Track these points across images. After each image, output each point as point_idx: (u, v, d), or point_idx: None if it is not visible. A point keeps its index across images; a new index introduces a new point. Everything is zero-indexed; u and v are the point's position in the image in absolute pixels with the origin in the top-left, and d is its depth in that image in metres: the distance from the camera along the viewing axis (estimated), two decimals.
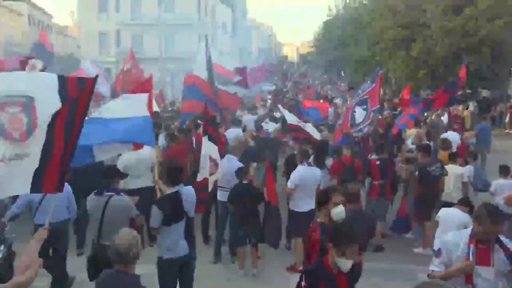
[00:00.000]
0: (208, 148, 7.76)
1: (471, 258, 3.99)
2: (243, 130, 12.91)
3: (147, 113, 6.73)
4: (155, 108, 17.26)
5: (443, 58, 23.74)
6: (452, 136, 12.43)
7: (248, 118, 15.72)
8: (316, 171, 8.34)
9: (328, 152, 9.70)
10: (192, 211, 5.77)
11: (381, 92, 14.81)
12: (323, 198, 4.98)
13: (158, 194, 7.09)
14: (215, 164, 7.87)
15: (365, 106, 11.27)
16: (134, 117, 6.51)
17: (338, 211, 4.83)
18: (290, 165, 9.09)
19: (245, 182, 7.87)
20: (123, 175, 6.74)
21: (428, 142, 10.63)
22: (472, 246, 4.04)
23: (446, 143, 10.50)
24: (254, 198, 7.78)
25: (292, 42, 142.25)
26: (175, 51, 50.46)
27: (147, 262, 5.70)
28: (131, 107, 6.64)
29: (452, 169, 9.15)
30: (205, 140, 7.78)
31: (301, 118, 10.72)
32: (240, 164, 8.38)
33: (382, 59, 27.78)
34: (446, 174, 9.00)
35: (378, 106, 11.54)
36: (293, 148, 12.15)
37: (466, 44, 22.76)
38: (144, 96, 7.04)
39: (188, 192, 5.76)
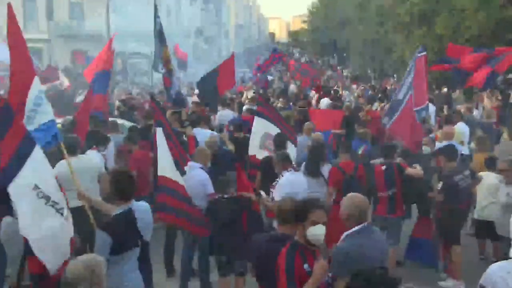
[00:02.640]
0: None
1: None
2: (220, 130, 12.89)
3: None
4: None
5: (477, 37, 23.86)
6: (461, 128, 12.59)
7: (226, 114, 15.74)
8: (303, 180, 8.58)
9: (324, 157, 9.84)
10: (149, 233, 5.79)
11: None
12: (301, 213, 5.00)
13: (92, 219, 7.02)
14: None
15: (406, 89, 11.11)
16: None
17: (316, 232, 4.84)
18: (267, 171, 9.16)
19: (226, 196, 7.91)
20: None
21: (452, 142, 10.70)
22: None
23: (484, 144, 10.56)
24: (239, 213, 7.80)
25: (280, 16, 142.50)
26: (128, 27, 50.29)
27: None
28: None
29: (488, 178, 9.29)
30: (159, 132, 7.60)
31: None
32: (204, 174, 8.50)
33: (396, 39, 28.05)
34: (479, 181, 9.20)
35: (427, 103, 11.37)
36: None
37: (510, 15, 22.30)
38: None
39: (143, 209, 5.80)
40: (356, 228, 5.14)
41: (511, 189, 8.26)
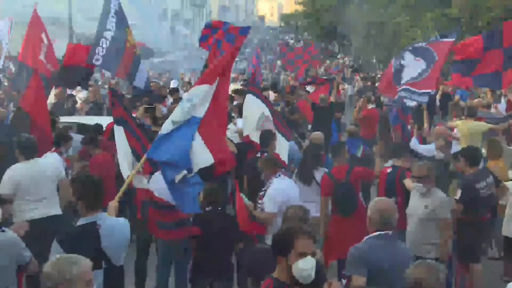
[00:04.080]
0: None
1: None
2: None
3: None
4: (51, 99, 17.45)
5: (499, 19, 23.91)
6: (481, 125, 12.52)
7: None
8: (295, 186, 8.64)
9: (319, 161, 9.78)
10: (117, 255, 5.70)
11: None
12: (283, 244, 4.66)
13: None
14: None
15: (422, 60, 11.63)
16: None
17: (305, 267, 4.54)
18: (254, 176, 9.17)
19: (210, 208, 7.90)
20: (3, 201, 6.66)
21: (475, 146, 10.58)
22: None
23: (495, 149, 10.37)
24: (228, 232, 7.77)
25: None
26: (92, 9, 49.94)
27: None
28: None
29: None
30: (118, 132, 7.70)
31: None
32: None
33: (405, 21, 28.09)
34: (507, 189, 9.18)
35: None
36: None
37: None
38: None
39: (112, 225, 5.71)
40: (377, 233, 5.44)
41: (429, 200, 7.96)
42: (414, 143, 11.50)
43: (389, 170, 9.33)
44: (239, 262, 8.34)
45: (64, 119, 13.11)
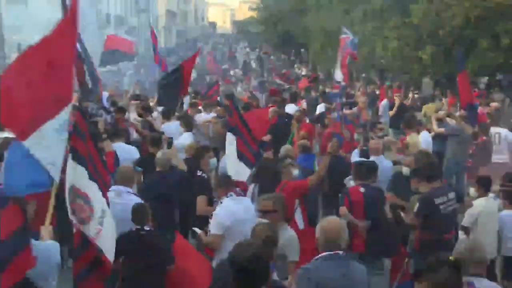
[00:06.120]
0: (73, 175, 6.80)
1: None
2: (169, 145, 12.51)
3: None
4: None
5: (460, 30, 24.34)
6: (424, 137, 13.18)
7: (172, 127, 15.41)
8: (250, 206, 8.50)
9: (279, 175, 9.84)
10: (48, 282, 5.67)
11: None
12: (264, 272, 4.72)
13: None
14: (85, 201, 6.82)
15: None
16: None
17: None
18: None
19: (145, 229, 7.79)
20: None
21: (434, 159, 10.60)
22: None
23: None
24: (156, 256, 7.71)
25: (223, 1, 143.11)
26: (30, 15, 49.49)
27: None
28: None
29: (492, 207, 9.35)
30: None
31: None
32: (138, 200, 8.38)
33: (364, 30, 28.44)
34: (469, 206, 9.37)
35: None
36: None
37: (499, 6, 22.64)
38: None
39: (36, 251, 5.58)
40: (325, 253, 5.56)
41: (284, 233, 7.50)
42: (353, 157, 11.74)
43: (362, 189, 9.39)
44: None
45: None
